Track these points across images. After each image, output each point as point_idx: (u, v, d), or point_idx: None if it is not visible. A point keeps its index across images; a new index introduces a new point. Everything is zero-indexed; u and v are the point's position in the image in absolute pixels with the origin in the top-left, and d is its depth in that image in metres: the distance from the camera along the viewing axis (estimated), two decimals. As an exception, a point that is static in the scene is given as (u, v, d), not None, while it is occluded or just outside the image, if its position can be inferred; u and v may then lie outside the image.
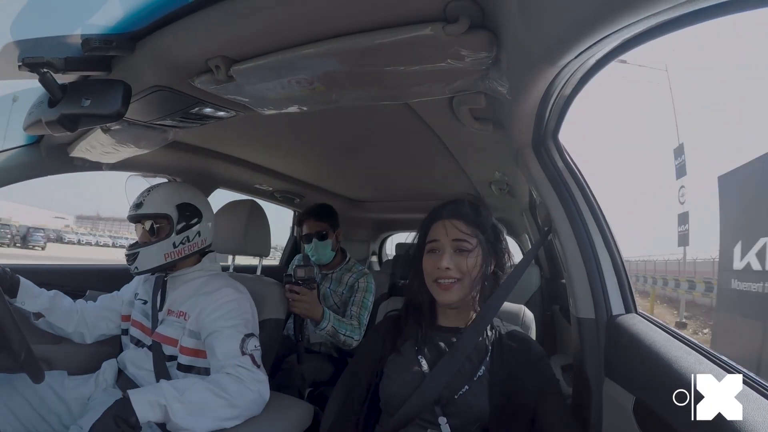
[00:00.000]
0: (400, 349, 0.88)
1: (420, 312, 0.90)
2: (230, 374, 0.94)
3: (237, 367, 0.96)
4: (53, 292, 1.14)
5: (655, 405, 0.60)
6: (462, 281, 0.83)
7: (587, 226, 0.85)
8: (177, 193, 1.15)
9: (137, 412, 0.81)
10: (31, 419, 1.01)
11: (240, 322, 1.04)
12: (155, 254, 1.10)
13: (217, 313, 1.04)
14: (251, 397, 0.94)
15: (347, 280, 1.74)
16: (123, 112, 0.75)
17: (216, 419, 0.88)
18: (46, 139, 1.19)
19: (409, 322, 0.91)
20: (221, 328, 1.02)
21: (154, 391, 0.85)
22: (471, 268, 0.83)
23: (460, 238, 0.84)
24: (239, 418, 0.92)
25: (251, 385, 0.94)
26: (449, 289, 0.83)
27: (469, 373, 0.82)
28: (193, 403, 0.86)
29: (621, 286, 0.83)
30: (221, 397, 0.89)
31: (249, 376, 0.96)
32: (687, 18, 0.48)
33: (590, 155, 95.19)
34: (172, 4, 0.65)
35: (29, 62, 0.71)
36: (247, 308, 1.09)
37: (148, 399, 0.83)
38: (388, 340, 0.91)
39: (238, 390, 0.92)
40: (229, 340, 1.00)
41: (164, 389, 0.86)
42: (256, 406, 0.96)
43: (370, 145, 1.49)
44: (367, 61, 0.70)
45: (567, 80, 0.68)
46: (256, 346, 1.03)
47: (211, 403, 0.88)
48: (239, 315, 1.06)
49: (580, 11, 0.48)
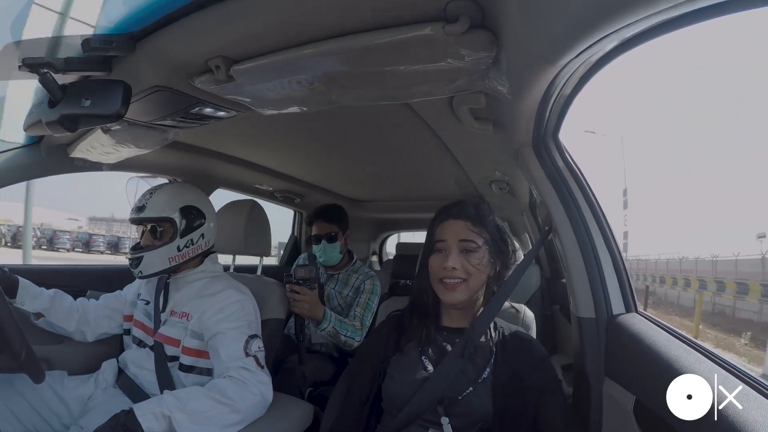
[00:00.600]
0: (403, 350, 0.88)
1: (425, 312, 0.90)
2: (233, 377, 0.94)
3: (240, 369, 0.96)
4: (53, 291, 1.14)
5: (655, 405, 0.60)
6: (468, 281, 0.83)
7: (587, 225, 0.85)
8: (180, 195, 1.15)
9: (142, 424, 0.81)
10: (32, 419, 1.01)
11: (243, 323, 1.04)
12: (159, 258, 1.10)
13: (221, 314, 1.04)
14: (254, 400, 0.93)
15: (353, 282, 1.72)
16: (123, 112, 0.75)
17: (220, 426, 0.88)
18: (46, 139, 1.19)
19: (413, 322, 0.91)
20: (225, 329, 1.02)
21: (157, 403, 0.86)
22: (477, 268, 0.83)
23: (467, 238, 0.84)
24: (243, 422, 0.92)
25: (254, 388, 0.94)
26: (455, 289, 0.83)
27: (474, 375, 0.82)
28: (197, 412, 0.86)
29: (621, 286, 0.83)
30: (224, 404, 0.89)
31: (252, 378, 0.95)
32: (687, 18, 0.48)
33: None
34: (172, 4, 0.65)
35: (29, 62, 0.71)
36: (250, 309, 1.09)
37: (152, 411, 0.83)
38: (392, 340, 0.91)
39: (241, 394, 0.92)
40: (233, 342, 1.00)
41: (167, 400, 0.86)
42: (260, 409, 0.96)
43: (370, 145, 1.49)
44: (367, 61, 0.70)
45: (567, 80, 0.68)
46: (260, 347, 1.03)
47: (214, 410, 0.88)
48: (243, 316, 1.05)
49: (580, 11, 0.48)
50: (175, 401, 0.86)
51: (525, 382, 0.80)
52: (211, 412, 0.87)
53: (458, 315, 0.89)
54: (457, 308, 0.88)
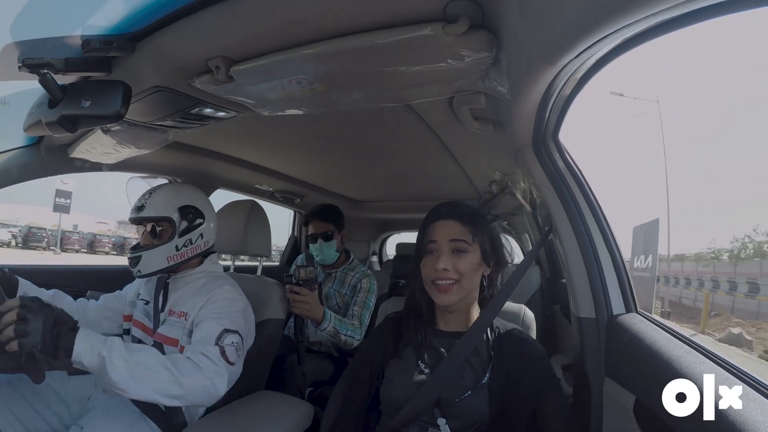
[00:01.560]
0: (401, 354, 0.88)
1: (420, 315, 0.89)
2: (190, 358, 0.92)
3: (200, 354, 0.93)
4: (53, 292, 1.14)
5: (655, 405, 0.60)
6: (460, 282, 0.82)
7: (588, 225, 0.85)
8: (179, 195, 1.15)
9: (75, 349, 0.78)
10: (32, 420, 1.01)
11: (225, 316, 1.03)
12: (158, 257, 1.10)
13: (209, 306, 1.05)
14: (202, 384, 0.90)
15: (350, 281, 1.74)
16: (123, 112, 0.75)
17: (155, 391, 0.84)
18: (46, 139, 1.19)
19: (409, 326, 0.90)
20: (206, 318, 1.02)
21: (103, 340, 0.82)
22: (469, 269, 0.82)
23: (458, 238, 0.83)
24: (182, 399, 0.88)
25: (207, 373, 0.91)
26: (447, 291, 0.82)
27: (473, 380, 0.81)
28: (138, 366, 0.83)
29: (621, 286, 0.83)
30: (169, 372, 0.86)
31: (209, 365, 0.92)
32: (687, 17, 0.48)
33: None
34: (172, 5, 0.65)
35: (29, 63, 0.71)
36: (238, 307, 1.08)
37: (91, 343, 0.80)
38: (390, 344, 0.91)
39: (191, 372, 0.89)
40: (207, 329, 0.99)
41: (114, 342, 0.83)
42: (205, 395, 0.91)
43: (371, 145, 1.49)
44: (367, 62, 0.70)
45: (567, 80, 0.68)
46: (234, 342, 1.00)
47: (158, 374, 0.85)
48: (227, 310, 1.05)
49: (580, 11, 0.48)
50: (121, 347, 0.83)
51: (522, 384, 0.79)
52: (153, 372, 0.84)
53: (454, 318, 0.88)
54: (451, 311, 0.87)
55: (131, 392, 0.82)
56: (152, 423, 1.01)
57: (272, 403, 1.01)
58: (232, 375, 0.99)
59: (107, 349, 0.81)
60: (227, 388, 0.96)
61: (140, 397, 0.84)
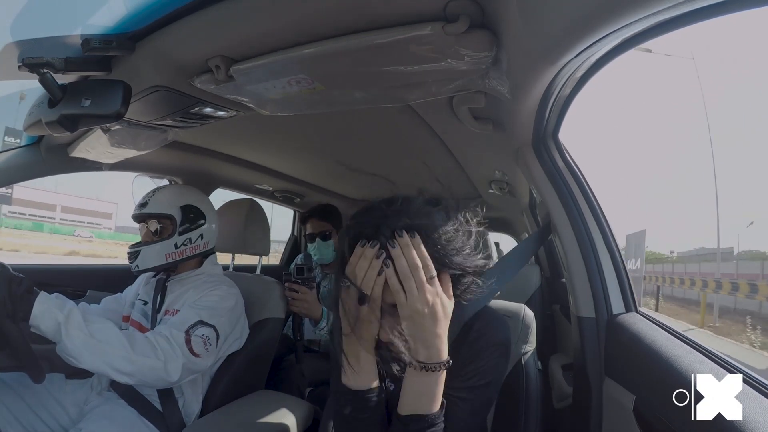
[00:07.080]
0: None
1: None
2: (148, 338, 0.92)
3: (160, 335, 0.93)
4: (55, 295, 1.14)
5: (655, 404, 0.60)
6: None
7: (587, 225, 0.85)
8: (182, 195, 1.17)
9: (33, 311, 0.79)
10: (32, 423, 1.01)
11: (205, 309, 1.03)
12: (156, 253, 1.11)
13: (196, 299, 1.05)
14: (152, 364, 0.89)
15: None
16: (123, 112, 0.75)
17: (107, 364, 0.85)
18: (46, 139, 1.19)
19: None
20: (187, 306, 1.03)
21: (60, 306, 0.83)
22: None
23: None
24: (131, 376, 0.88)
25: (160, 354, 0.91)
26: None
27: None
28: (94, 338, 0.83)
29: (621, 285, 0.83)
30: (123, 348, 0.86)
31: (166, 348, 0.92)
32: (687, 17, 0.48)
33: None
34: (172, 4, 0.65)
35: (29, 62, 0.71)
36: (225, 305, 1.07)
37: (50, 309, 0.81)
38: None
39: (144, 351, 0.89)
40: (183, 316, 1.00)
41: (73, 312, 0.84)
42: (155, 376, 0.91)
43: (371, 145, 1.49)
44: (367, 61, 0.70)
45: (567, 79, 0.68)
46: (205, 335, 0.99)
47: (111, 347, 0.85)
48: (212, 305, 1.05)
49: (580, 10, 0.48)
50: (78, 316, 0.84)
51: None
52: (107, 346, 0.85)
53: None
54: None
55: (83, 362, 0.83)
56: (150, 424, 1.01)
57: (272, 402, 1.00)
58: (194, 366, 0.97)
59: (64, 316, 0.81)
60: (185, 377, 0.95)
61: (92, 369, 0.85)
